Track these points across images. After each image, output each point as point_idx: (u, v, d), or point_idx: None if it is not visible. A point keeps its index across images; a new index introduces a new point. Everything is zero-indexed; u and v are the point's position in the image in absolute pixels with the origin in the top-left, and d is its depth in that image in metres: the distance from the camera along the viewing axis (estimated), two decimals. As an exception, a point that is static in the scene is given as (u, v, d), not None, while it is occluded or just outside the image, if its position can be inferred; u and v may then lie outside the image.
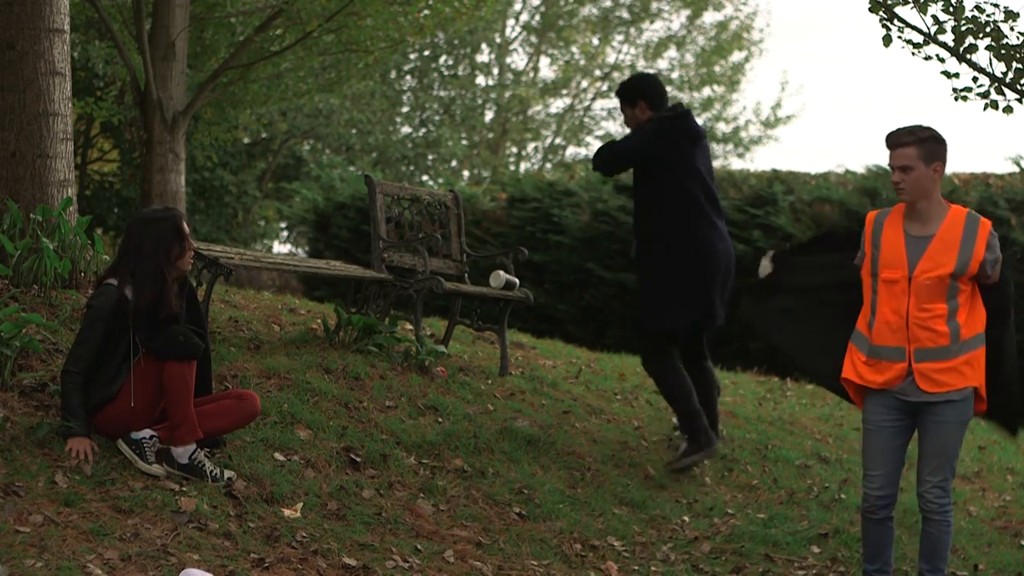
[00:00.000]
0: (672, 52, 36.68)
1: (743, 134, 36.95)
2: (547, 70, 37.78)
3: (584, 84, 36.84)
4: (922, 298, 7.00)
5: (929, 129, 7.11)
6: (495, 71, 36.69)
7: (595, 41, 36.68)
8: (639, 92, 9.52)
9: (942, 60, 9.28)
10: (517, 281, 10.21)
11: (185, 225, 7.24)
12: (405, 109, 34.86)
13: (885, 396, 7.14)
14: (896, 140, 7.10)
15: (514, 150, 37.83)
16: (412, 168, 33.66)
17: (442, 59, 35.31)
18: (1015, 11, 9.02)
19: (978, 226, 7.06)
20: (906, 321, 7.02)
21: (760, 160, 61.93)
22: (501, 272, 10.18)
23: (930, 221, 7.09)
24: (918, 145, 7.05)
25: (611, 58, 36.72)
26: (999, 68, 9.14)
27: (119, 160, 26.19)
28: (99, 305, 7.04)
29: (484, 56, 36.40)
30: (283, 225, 31.79)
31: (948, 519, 7.15)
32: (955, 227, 7.05)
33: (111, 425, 7.03)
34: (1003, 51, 9.07)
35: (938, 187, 7.12)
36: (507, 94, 35.58)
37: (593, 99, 36.93)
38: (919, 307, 7.01)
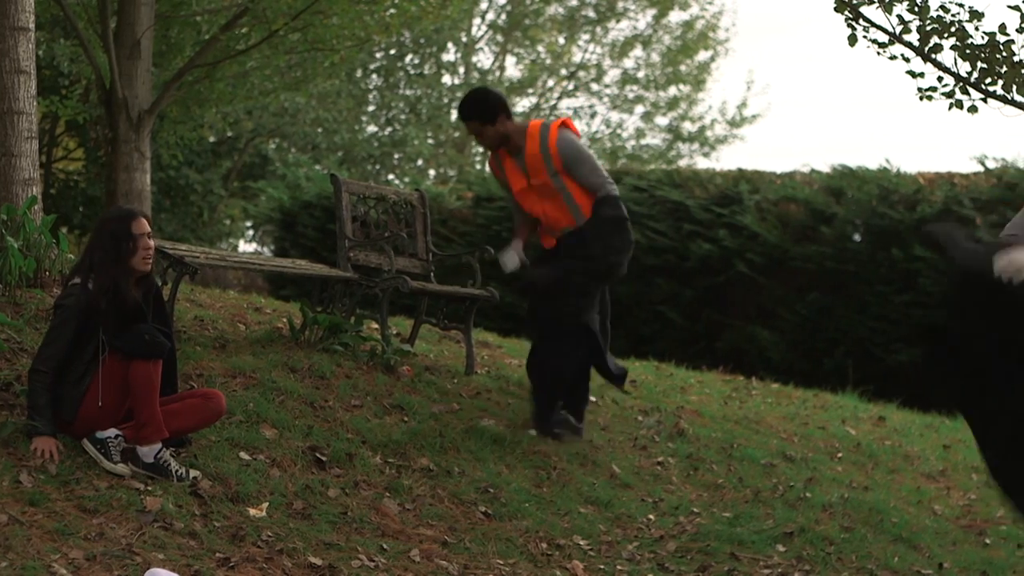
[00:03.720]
0: (638, 51, 36.73)
1: (709, 133, 37.02)
2: (513, 69, 37.76)
3: (550, 83, 36.87)
4: None
5: None
6: (461, 70, 36.67)
7: (561, 40, 36.69)
8: (499, 106, 9.13)
9: (907, 60, 9.33)
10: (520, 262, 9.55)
11: (143, 224, 7.14)
12: (371, 108, 34.81)
13: None
14: None
15: (480, 149, 37.82)
16: (378, 167, 33.63)
17: (408, 58, 35.25)
18: (980, 11, 9.07)
19: None
20: None
21: (726, 159, 61.96)
22: (514, 253, 9.37)
23: None
24: None
25: (577, 57, 36.75)
26: (964, 68, 9.20)
27: (84, 159, 26.09)
28: (69, 304, 6.99)
29: (450, 55, 36.38)
30: (249, 224, 31.72)
31: None
32: None
33: (78, 424, 6.99)
34: (968, 51, 9.12)
35: None
36: (473, 93, 35.52)
37: (559, 98, 36.96)
38: None
